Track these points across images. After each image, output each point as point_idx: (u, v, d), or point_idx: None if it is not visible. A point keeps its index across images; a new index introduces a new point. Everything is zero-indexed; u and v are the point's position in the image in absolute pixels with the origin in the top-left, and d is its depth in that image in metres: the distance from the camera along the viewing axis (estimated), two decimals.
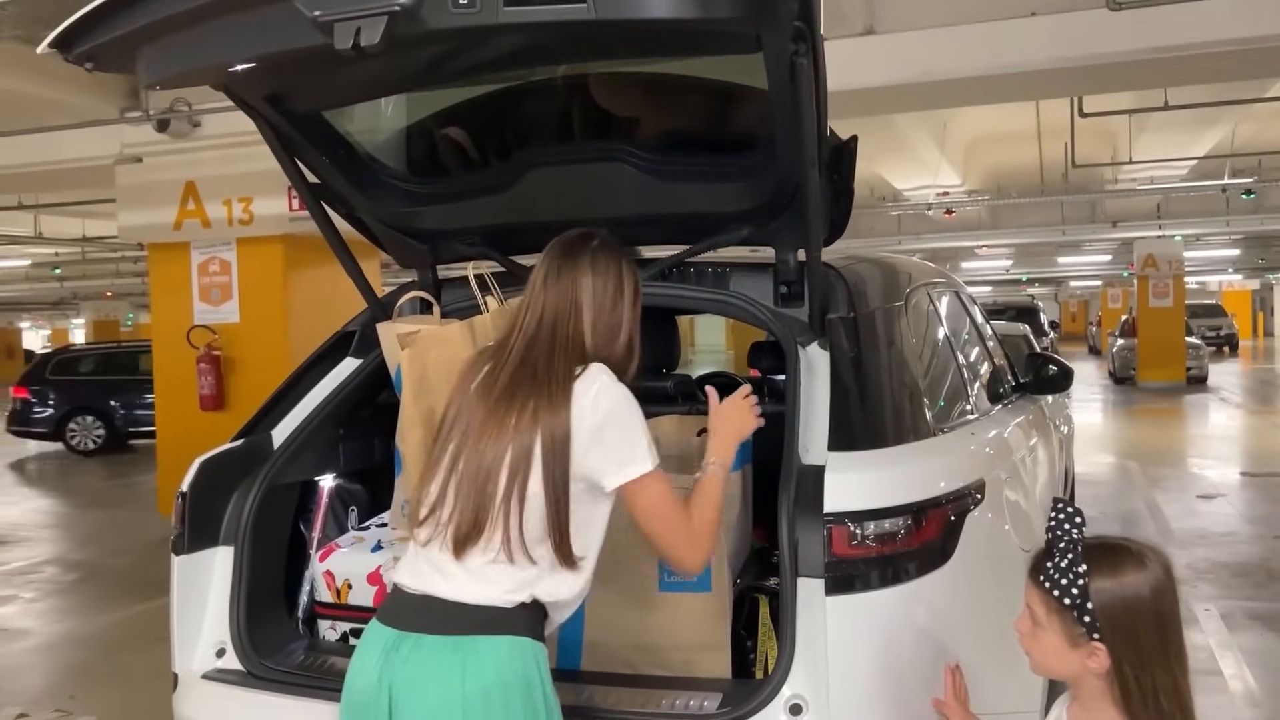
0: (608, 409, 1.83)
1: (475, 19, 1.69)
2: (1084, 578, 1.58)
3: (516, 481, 1.80)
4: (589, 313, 1.93)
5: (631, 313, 2.00)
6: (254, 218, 7.61)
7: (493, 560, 1.81)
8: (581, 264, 1.97)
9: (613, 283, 1.97)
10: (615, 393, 1.86)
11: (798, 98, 2.00)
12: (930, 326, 3.01)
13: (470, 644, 1.77)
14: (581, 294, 1.94)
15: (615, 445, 1.82)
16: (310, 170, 2.55)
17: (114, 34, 1.93)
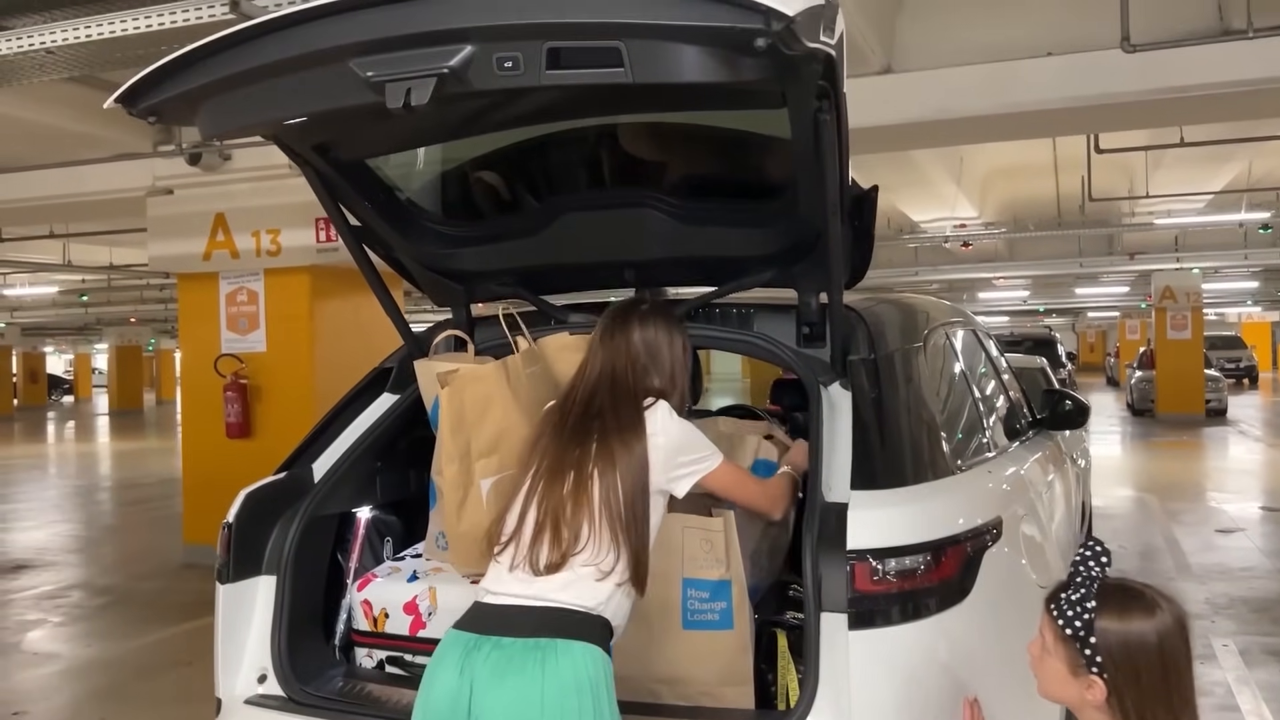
0: (675, 431, 2.16)
1: (519, 80, 1.79)
2: (1091, 613, 1.67)
3: (592, 506, 2.03)
4: (642, 362, 2.27)
5: (680, 361, 2.34)
6: (281, 249, 7.75)
7: (570, 581, 1.98)
8: (632, 324, 2.31)
9: (662, 337, 2.32)
10: (676, 418, 2.20)
11: (821, 150, 2.09)
12: (948, 365, 3.09)
13: (550, 645, 1.90)
14: (635, 348, 2.28)
15: (686, 457, 2.16)
16: (353, 214, 2.67)
17: (177, 90, 2.04)
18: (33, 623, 6.58)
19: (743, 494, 2.30)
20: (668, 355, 2.31)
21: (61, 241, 14.83)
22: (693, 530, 2.36)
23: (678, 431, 2.18)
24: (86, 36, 4.01)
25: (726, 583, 2.32)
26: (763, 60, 1.70)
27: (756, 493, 2.32)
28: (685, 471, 2.16)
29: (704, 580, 2.34)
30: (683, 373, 2.35)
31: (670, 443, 2.15)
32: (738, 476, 2.29)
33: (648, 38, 1.71)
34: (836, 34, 1.84)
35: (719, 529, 2.36)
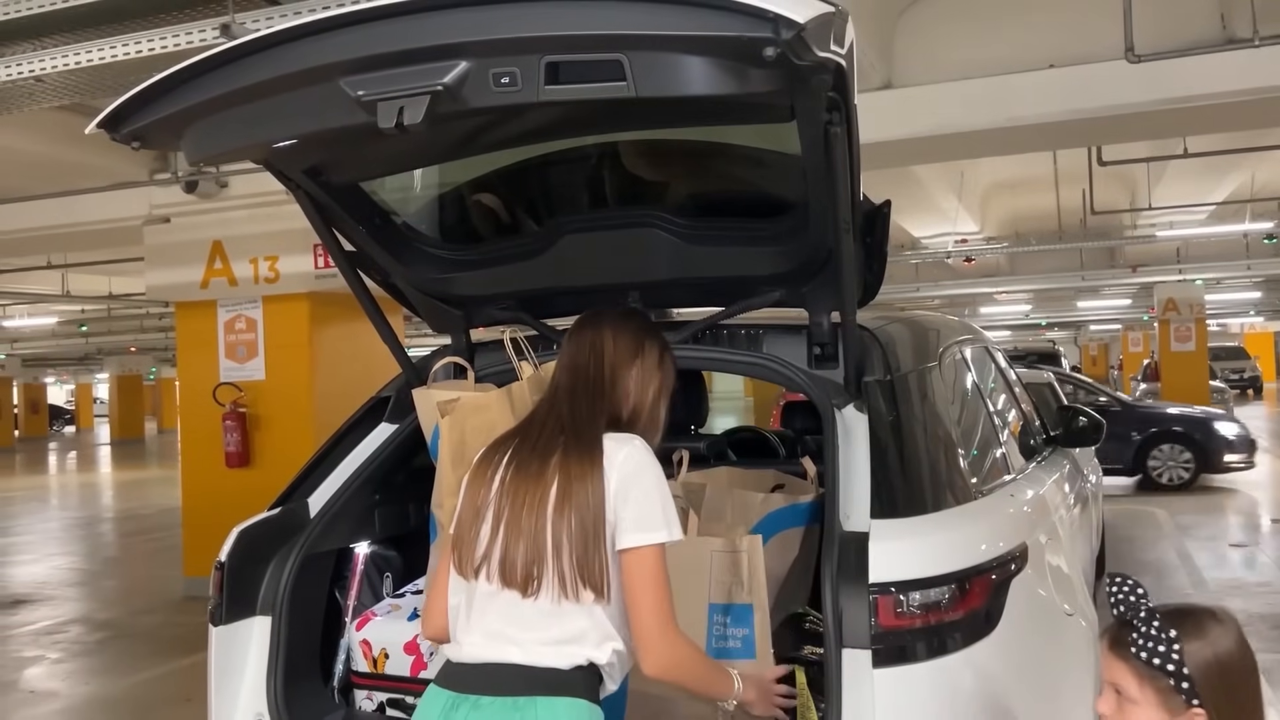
0: (634, 470, 1.85)
1: (517, 97, 1.71)
2: (1178, 642, 1.55)
3: (558, 524, 1.83)
4: (608, 367, 1.99)
5: (653, 386, 2.04)
6: (280, 276, 7.69)
7: (546, 612, 1.82)
8: (603, 325, 2.05)
9: (629, 347, 2.03)
10: (643, 456, 1.88)
11: (831, 164, 2.02)
12: (964, 385, 3.01)
13: (529, 704, 1.78)
14: (600, 347, 2.01)
15: (633, 508, 1.82)
16: (346, 239, 2.59)
17: (161, 114, 1.97)
18: (30, 659, 6.48)
19: (653, 600, 1.80)
20: (636, 373, 2.02)
21: (60, 272, 14.80)
22: (720, 554, 2.27)
23: (634, 470, 1.86)
24: (76, 63, 3.95)
25: (749, 607, 2.23)
26: (772, 71, 1.62)
27: (665, 614, 1.81)
28: (630, 524, 1.83)
29: (728, 605, 2.26)
30: (654, 395, 2.04)
31: (624, 480, 1.84)
32: (659, 578, 1.82)
33: (651, 49, 1.64)
34: (847, 43, 1.77)
35: (743, 551, 2.28)
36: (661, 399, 2.06)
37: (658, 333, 2.11)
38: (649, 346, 2.04)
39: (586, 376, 1.98)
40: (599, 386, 1.97)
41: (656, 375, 2.04)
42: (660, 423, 2.06)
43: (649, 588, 1.80)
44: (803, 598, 2.53)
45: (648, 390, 2.02)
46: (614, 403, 1.97)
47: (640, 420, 2.00)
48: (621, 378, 1.99)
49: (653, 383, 2.03)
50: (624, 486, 1.83)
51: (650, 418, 2.03)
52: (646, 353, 2.03)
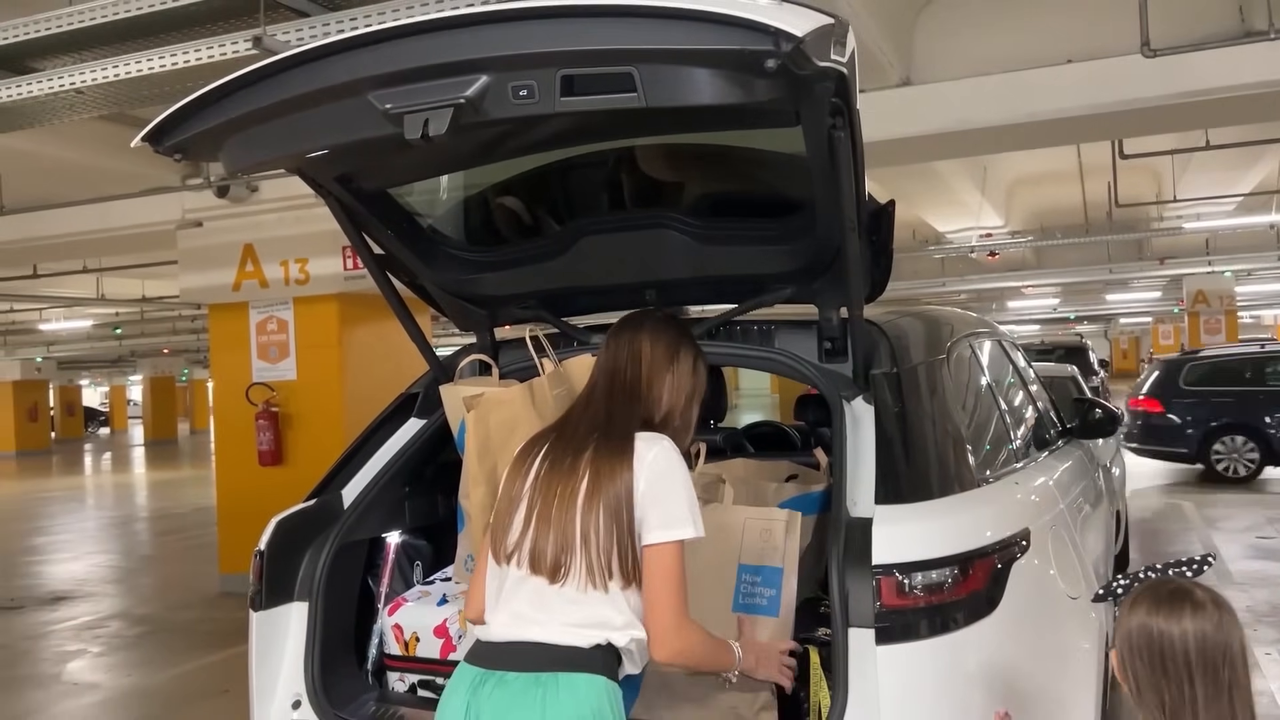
0: (659, 470, 1.94)
1: (534, 108, 1.82)
2: (1121, 587, 1.69)
3: (586, 517, 1.93)
4: (645, 371, 2.09)
5: (686, 390, 2.14)
6: (310, 277, 7.84)
7: (571, 599, 1.92)
8: (643, 329, 2.15)
9: (666, 352, 2.14)
10: (671, 456, 1.97)
11: (836, 166, 2.10)
12: (973, 377, 3.08)
13: (550, 680, 1.88)
14: (638, 352, 2.11)
15: (659, 505, 1.92)
16: (376, 243, 2.71)
17: (201, 128, 2.08)
18: (72, 653, 6.66)
19: (669, 595, 1.91)
20: (671, 374, 2.14)
21: (95, 276, 15.09)
22: (754, 521, 2.39)
23: (664, 468, 1.96)
24: (115, 76, 4.10)
25: (779, 570, 2.34)
26: (774, 80, 1.71)
27: (679, 609, 1.92)
28: (657, 521, 1.93)
29: (759, 566, 2.37)
30: (688, 396, 2.16)
31: (653, 478, 1.95)
32: (676, 573, 1.92)
33: (659, 62, 1.73)
34: (848, 52, 1.85)
35: (781, 520, 2.39)
36: (694, 403, 2.17)
37: (693, 340, 2.23)
38: (684, 353, 2.15)
39: (623, 380, 2.09)
40: (634, 390, 2.08)
41: (690, 380, 2.15)
42: (691, 425, 2.17)
43: (668, 582, 1.90)
44: (814, 583, 2.62)
45: (680, 394, 2.13)
46: (648, 405, 2.08)
47: (672, 422, 2.10)
48: (656, 382, 2.10)
49: (685, 387, 2.14)
50: (652, 485, 1.92)
51: (683, 421, 2.14)
52: (681, 359, 2.14)
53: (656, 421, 2.08)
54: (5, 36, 4.19)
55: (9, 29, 4.19)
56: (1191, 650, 1.61)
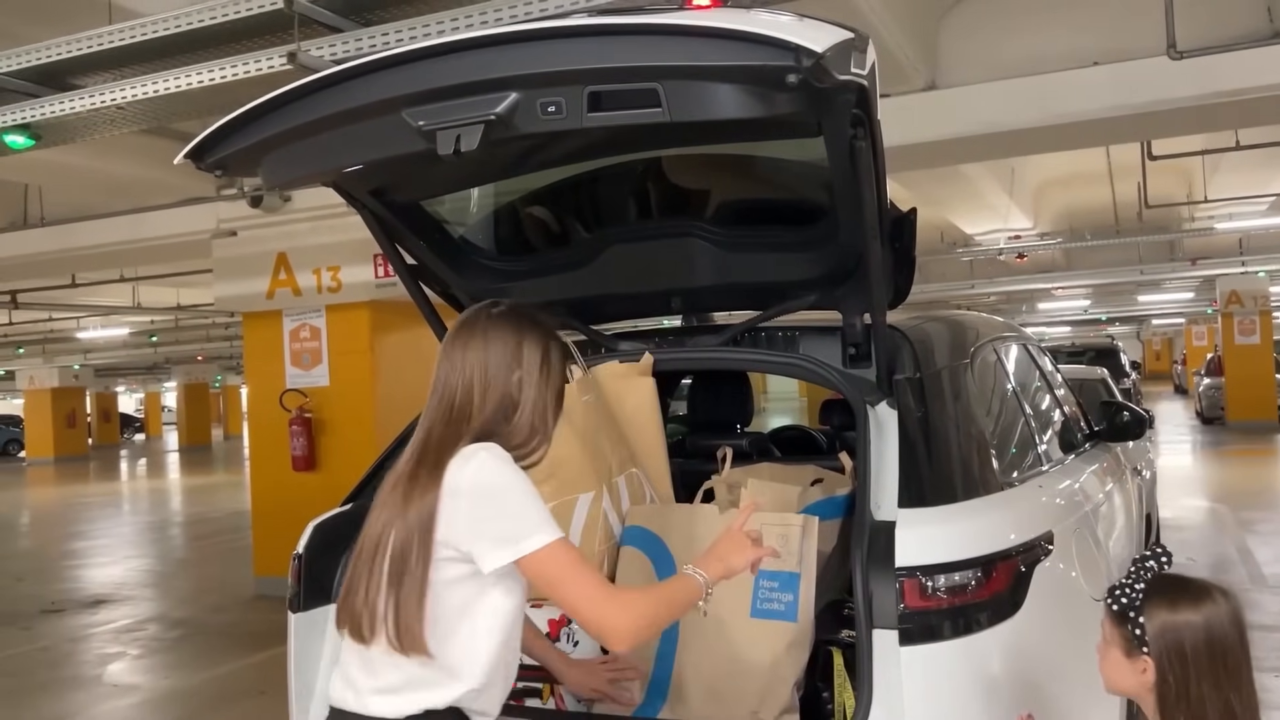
0: (480, 486, 1.74)
1: (562, 124, 1.87)
2: (1138, 593, 1.73)
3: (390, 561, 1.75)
4: (479, 386, 1.85)
5: (535, 387, 1.89)
6: (342, 285, 7.95)
7: (389, 660, 1.75)
8: (475, 335, 1.89)
9: (508, 354, 1.88)
10: (491, 468, 1.75)
11: (858, 175, 2.15)
12: (998, 381, 3.11)
13: None
14: (472, 367, 1.86)
15: (492, 524, 1.72)
16: (408, 253, 2.77)
17: (241, 145, 2.16)
18: (113, 655, 6.80)
19: (573, 593, 1.73)
20: (513, 377, 1.86)
21: (131, 284, 15.35)
22: (770, 527, 2.39)
23: (482, 484, 1.73)
24: (154, 91, 4.21)
25: (796, 575, 2.37)
26: (795, 94, 1.76)
27: (596, 597, 1.73)
28: (484, 545, 1.71)
29: (776, 571, 2.39)
30: (538, 402, 1.88)
31: (470, 500, 1.73)
32: (567, 570, 1.73)
33: (683, 78, 1.79)
34: (868, 64, 1.89)
35: (797, 524, 2.40)
36: (548, 399, 1.92)
37: (541, 327, 1.95)
38: (529, 346, 1.90)
39: (450, 397, 1.86)
40: (463, 408, 1.84)
41: (538, 375, 1.90)
42: (551, 420, 1.93)
43: (560, 586, 1.73)
44: (840, 585, 2.65)
45: (530, 393, 1.88)
46: (484, 419, 1.83)
47: (526, 425, 1.87)
48: (495, 389, 1.86)
49: (535, 383, 1.89)
50: (478, 505, 1.73)
51: (537, 420, 1.89)
52: (526, 354, 1.89)
53: (510, 427, 1.86)
54: (49, 55, 4.32)
55: (53, 47, 4.31)
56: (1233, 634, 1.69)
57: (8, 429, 34.07)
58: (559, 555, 1.74)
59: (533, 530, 1.72)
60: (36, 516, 16.54)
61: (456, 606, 1.75)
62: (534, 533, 1.72)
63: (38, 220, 9.69)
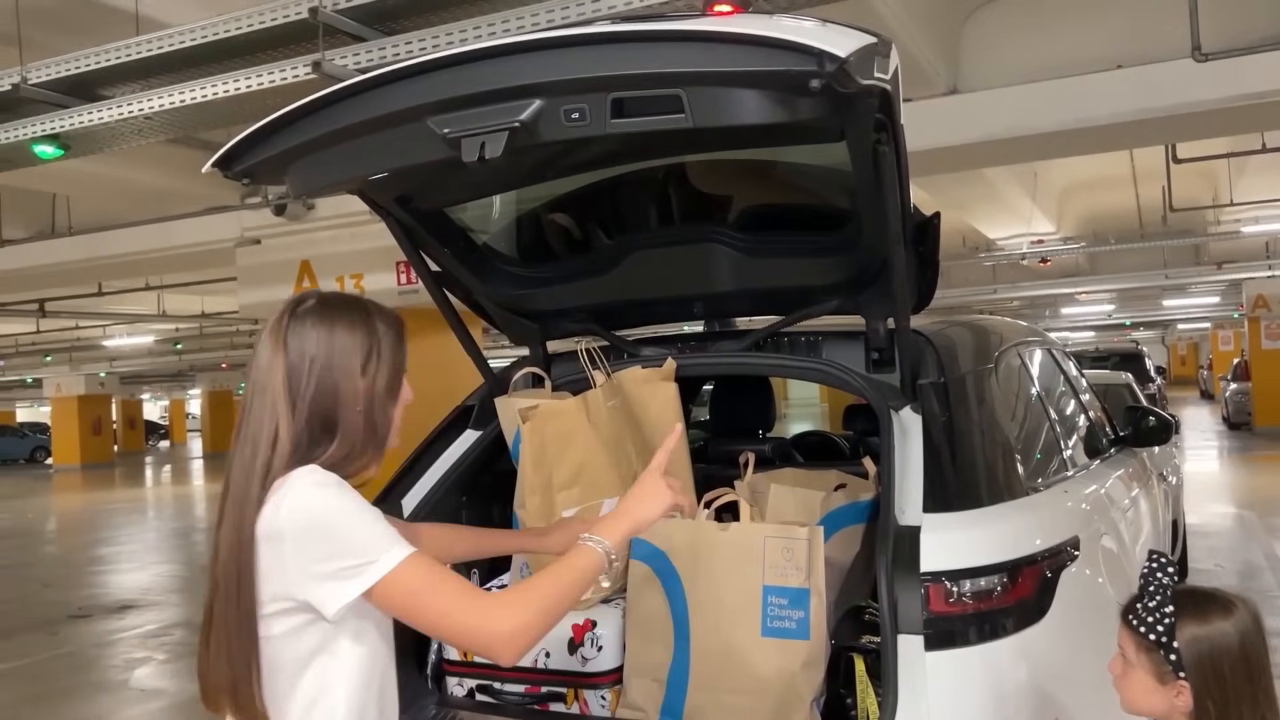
0: (302, 524, 1.49)
1: (586, 130, 1.88)
2: (1170, 618, 1.70)
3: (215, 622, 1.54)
4: (285, 401, 1.58)
5: (356, 390, 1.62)
6: (365, 292, 8.00)
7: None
8: (277, 342, 1.62)
9: (317, 355, 1.61)
10: (311, 500, 1.50)
11: (881, 180, 2.15)
12: (1022, 386, 3.09)
13: None
14: (277, 381, 1.59)
15: (327, 564, 1.48)
16: (433, 260, 2.79)
17: (268, 153, 2.18)
18: (139, 660, 6.85)
19: (437, 612, 1.51)
20: (326, 381, 1.59)
21: (156, 293, 15.50)
22: (774, 540, 2.38)
23: (315, 521, 1.49)
24: (181, 101, 4.26)
25: (805, 591, 2.34)
26: (818, 99, 1.76)
27: (465, 608, 1.51)
28: (331, 582, 1.47)
29: (784, 587, 2.35)
30: (356, 407, 1.61)
31: (301, 541, 1.48)
32: (426, 586, 1.50)
33: (706, 84, 1.79)
34: (891, 68, 1.89)
35: (802, 537, 2.36)
36: (376, 400, 1.65)
37: (352, 317, 1.66)
38: (341, 343, 1.62)
39: (258, 427, 1.58)
40: (271, 433, 1.56)
41: (358, 376, 1.63)
42: (382, 424, 1.67)
43: (420, 607, 1.51)
44: (865, 591, 2.64)
45: (350, 398, 1.61)
46: (299, 439, 1.57)
47: (351, 437, 1.61)
48: (304, 403, 1.58)
49: (355, 388, 1.62)
50: (305, 546, 1.49)
51: (365, 427, 1.63)
52: (337, 353, 1.62)
53: (320, 451, 1.58)
54: (78, 66, 4.38)
55: (81, 59, 4.38)
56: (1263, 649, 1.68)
57: (35, 436, 34.43)
58: (412, 573, 1.50)
59: (376, 554, 1.48)
60: (63, 522, 16.71)
61: (296, 660, 1.53)
62: (378, 557, 1.48)
63: (65, 230, 9.81)
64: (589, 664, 2.49)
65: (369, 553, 1.49)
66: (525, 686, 2.55)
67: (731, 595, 2.35)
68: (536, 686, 2.52)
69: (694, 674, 2.39)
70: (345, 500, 1.53)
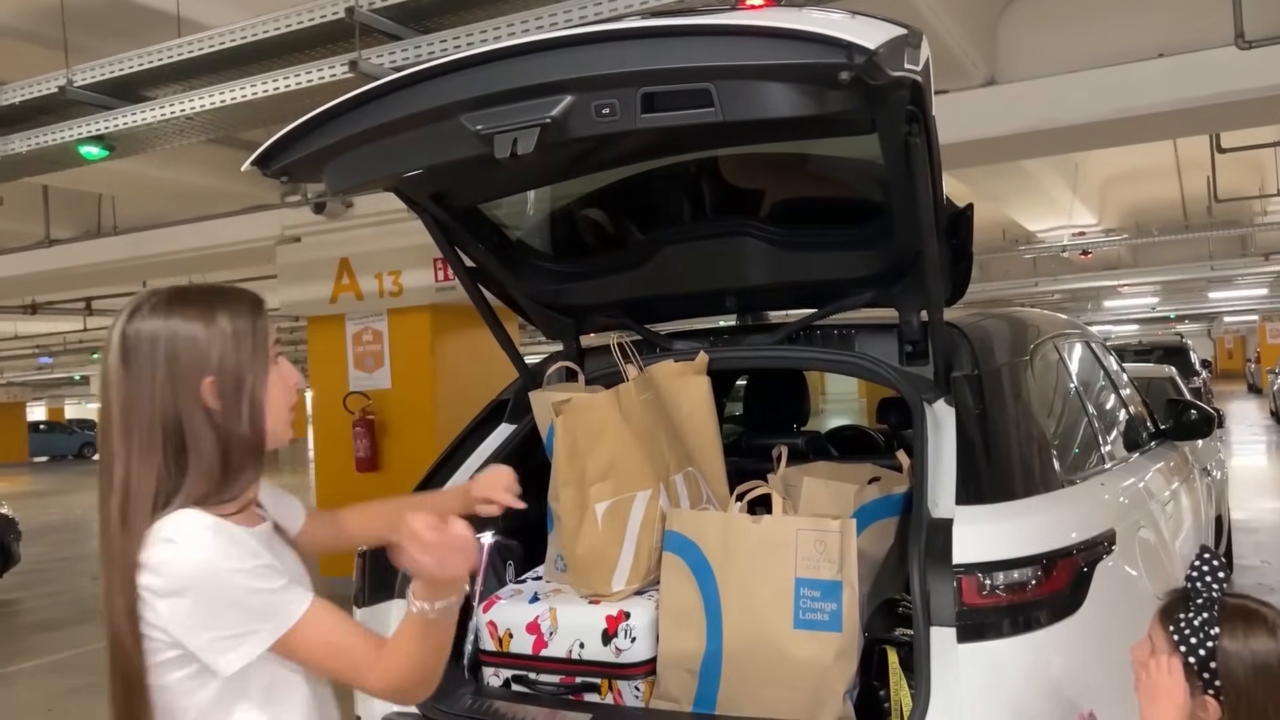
0: (182, 587, 1.33)
1: (616, 125, 1.90)
2: (1214, 640, 1.63)
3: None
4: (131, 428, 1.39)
5: (197, 402, 1.39)
6: (403, 289, 8.08)
7: None
8: (116, 353, 1.41)
9: (160, 367, 1.38)
10: (183, 561, 1.33)
11: (913, 172, 2.14)
12: (1059, 379, 3.07)
13: None
14: (114, 399, 1.39)
15: (212, 629, 1.34)
16: (468, 256, 2.83)
17: (305, 152, 2.22)
18: None
19: (339, 666, 1.40)
20: (174, 394, 1.38)
21: None
22: (807, 532, 2.38)
23: (195, 583, 1.33)
24: (221, 102, 4.32)
25: (838, 584, 2.34)
26: (848, 92, 1.77)
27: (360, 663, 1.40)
28: (212, 646, 1.34)
29: (816, 580, 2.35)
30: (221, 415, 1.40)
31: (181, 603, 1.33)
32: (330, 640, 1.39)
33: (736, 78, 1.80)
34: (922, 60, 1.89)
35: (835, 530, 2.36)
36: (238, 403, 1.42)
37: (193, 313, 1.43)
38: (186, 348, 1.40)
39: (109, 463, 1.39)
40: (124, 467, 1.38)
41: (206, 387, 1.40)
42: (264, 413, 1.45)
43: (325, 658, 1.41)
44: (898, 584, 2.64)
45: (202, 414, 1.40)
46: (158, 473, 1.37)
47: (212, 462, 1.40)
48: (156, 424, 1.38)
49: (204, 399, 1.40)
50: (178, 609, 1.33)
51: (234, 445, 1.42)
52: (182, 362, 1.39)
53: (182, 484, 1.38)
54: (122, 68, 4.46)
55: (125, 61, 4.46)
56: None
57: (83, 433, 35.07)
58: (316, 625, 1.38)
59: (251, 631, 1.34)
60: None
61: (200, 707, 1.39)
62: (253, 635, 1.34)
63: (111, 230, 9.99)
64: (623, 655, 2.51)
65: (253, 621, 1.34)
66: (560, 677, 2.57)
67: (764, 587, 2.36)
68: (571, 677, 2.54)
69: (727, 665, 2.41)
70: (227, 554, 1.34)
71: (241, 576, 1.34)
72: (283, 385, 1.51)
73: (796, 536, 2.37)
